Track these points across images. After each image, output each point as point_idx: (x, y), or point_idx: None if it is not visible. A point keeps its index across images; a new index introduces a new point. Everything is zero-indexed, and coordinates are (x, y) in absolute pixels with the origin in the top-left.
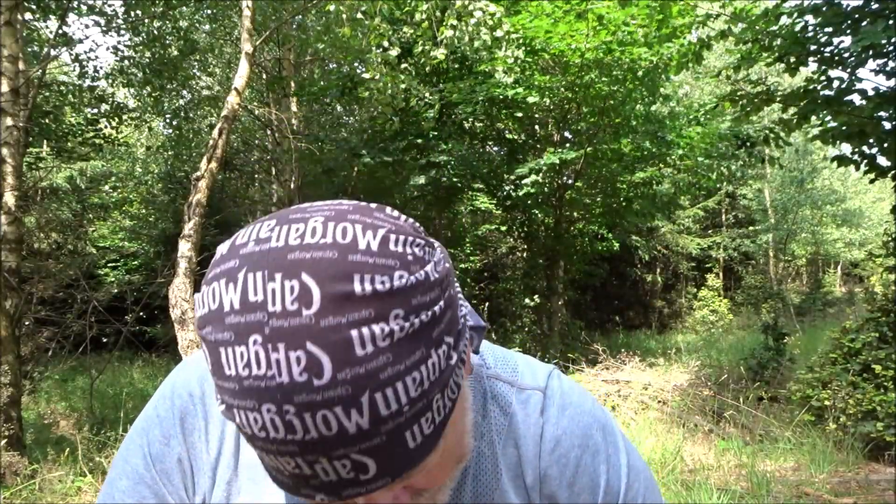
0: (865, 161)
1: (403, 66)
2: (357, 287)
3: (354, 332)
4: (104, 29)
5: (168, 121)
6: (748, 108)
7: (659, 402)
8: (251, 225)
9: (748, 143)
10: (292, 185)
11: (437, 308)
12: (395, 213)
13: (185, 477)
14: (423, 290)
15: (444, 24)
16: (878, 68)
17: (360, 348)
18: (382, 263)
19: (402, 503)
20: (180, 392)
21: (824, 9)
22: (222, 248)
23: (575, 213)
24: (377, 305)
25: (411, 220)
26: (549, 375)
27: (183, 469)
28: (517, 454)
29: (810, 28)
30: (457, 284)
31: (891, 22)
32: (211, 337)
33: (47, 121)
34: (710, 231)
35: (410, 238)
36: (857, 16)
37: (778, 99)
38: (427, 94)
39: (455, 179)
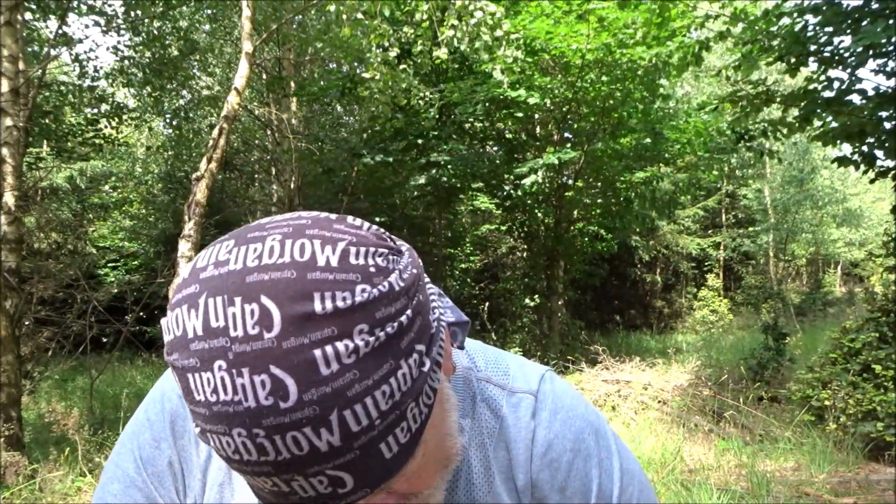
0: (865, 161)
1: (402, 66)
2: (318, 306)
3: (318, 352)
4: (104, 29)
5: (168, 121)
6: (748, 109)
7: (659, 402)
8: (211, 246)
9: (746, 137)
10: (292, 185)
11: (403, 318)
12: (358, 221)
13: (175, 480)
14: (388, 301)
15: (445, 23)
16: (878, 68)
17: (324, 367)
18: (343, 279)
19: None
20: (170, 396)
21: (824, 8)
22: (184, 272)
23: (575, 213)
24: (340, 323)
25: (374, 227)
26: (542, 379)
27: (174, 472)
28: (508, 457)
29: (810, 28)
30: (430, 285)
31: (891, 22)
32: (178, 363)
33: (47, 121)
34: (710, 231)
35: (372, 249)
36: (857, 15)
37: (778, 99)
38: (427, 94)
39: (455, 179)
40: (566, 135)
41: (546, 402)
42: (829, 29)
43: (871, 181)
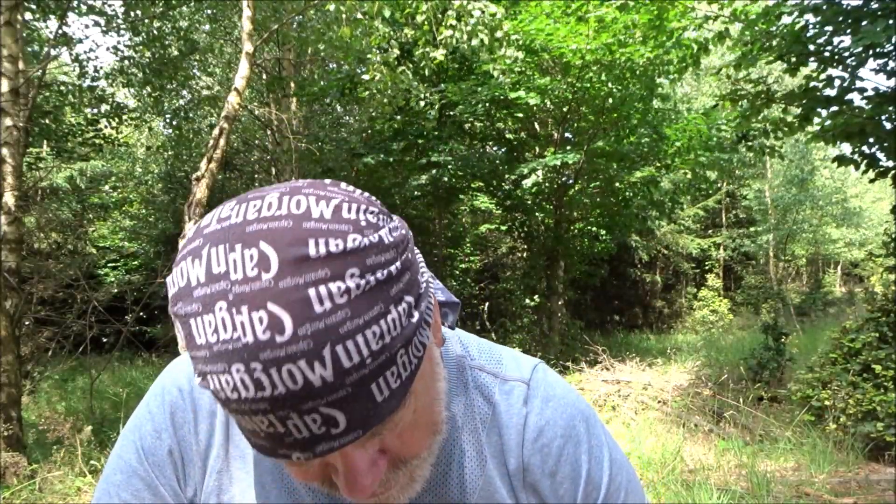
0: (865, 161)
1: (401, 68)
2: (312, 250)
3: (312, 291)
4: (104, 29)
5: (168, 121)
6: (748, 112)
7: (659, 402)
8: (215, 209)
9: (746, 136)
10: None
11: (393, 268)
12: (350, 187)
13: (176, 469)
14: (378, 251)
15: (444, 24)
16: (878, 68)
17: (318, 305)
18: (336, 228)
19: (381, 469)
20: (170, 388)
21: (824, 7)
22: (189, 232)
23: (575, 214)
24: (333, 265)
25: (367, 193)
26: (534, 368)
27: (174, 461)
28: (500, 443)
29: (811, 27)
30: (419, 255)
31: (891, 21)
32: (181, 311)
33: (47, 121)
34: (710, 231)
35: (364, 206)
36: (857, 15)
37: (778, 99)
38: (427, 94)
39: (455, 179)
40: (566, 135)
41: (538, 390)
42: (829, 28)
43: (871, 181)
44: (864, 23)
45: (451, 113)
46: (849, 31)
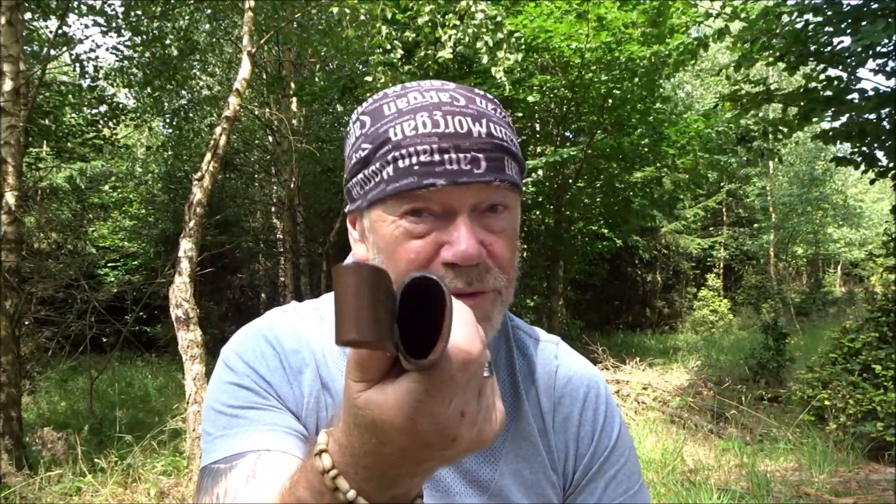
0: (865, 161)
1: (407, 67)
2: (476, 90)
3: (477, 98)
4: (104, 29)
5: (168, 121)
6: (745, 107)
7: (659, 402)
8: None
9: (746, 138)
10: (292, 185)
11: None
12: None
13: (272, 383)
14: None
15: (447, 25)
16: (877, 68)
17: (481, 102)
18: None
19: (482, 253)
20: (249, 334)
21: (824, 7)
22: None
23: (575, 213)
24: (486, 97)
25: None
26: (560, 339)
27: (269, 378)
28: (535, 388)
29: (811, 27)
30: None
31: (890, 21)
32: (369, 107)
33: (47, 121)
34: (710, 230)
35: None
36: (857, 15)
37: (777, 99)
38: None
39: None
40: (567, 133)
41: (566, 350)
42: (829, 28)
43: (872, 181)
44: (864, 23)
45: None
46: (849, 30)
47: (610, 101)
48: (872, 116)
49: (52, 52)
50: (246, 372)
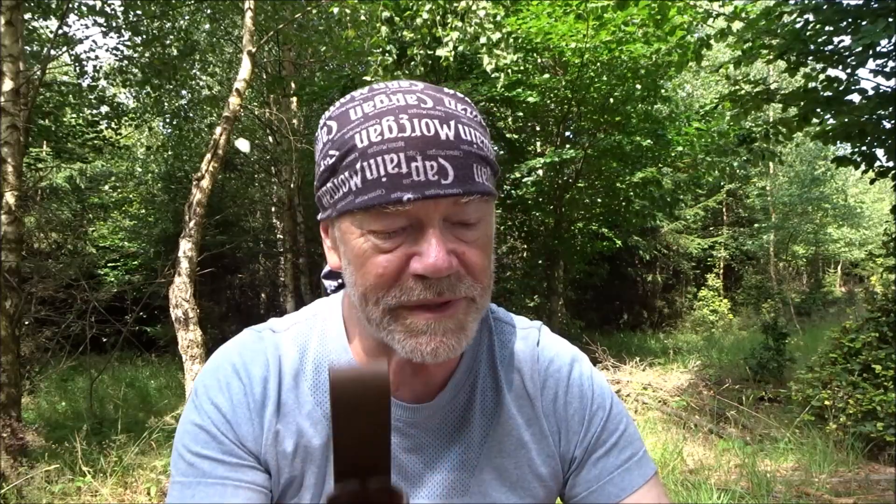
0: (865, 161)
1: (406, 69)
2: (446, 90)
3: (447, 98)
4: (104, 28)
5: (168, 121)
6: (745, 108)
7: (659, 402)
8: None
9: (748, 140)
10: (292, 185)
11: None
12: None
13: (233, 427)
14: (476, 109)
15: (448, 25)
16: (878, 68)
17: (450, 102)
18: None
19: (453, 264)
20: (223, 363)
21: (824, 7)
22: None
23: (575, 213)
24: (456, 97)
25: None
26: (541, 324)
27: (231, 420)
28: (520, 376)
29: (811, 26)
30: None
31: (890, 20)
32: (336, 112)
33: (47, 122)
34: (710, 230)
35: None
36: (857, 15)
37: (778, 99)
38: None
39: None
40: (567, 134)
41: (547, 334)
42: (829, 28)
43: (872, 181)
44: (863, 22)
45: None
46: (849, 30)
47: (611, 100)
48: (873, 116)
49: (52, 52)
50: (208, 411)
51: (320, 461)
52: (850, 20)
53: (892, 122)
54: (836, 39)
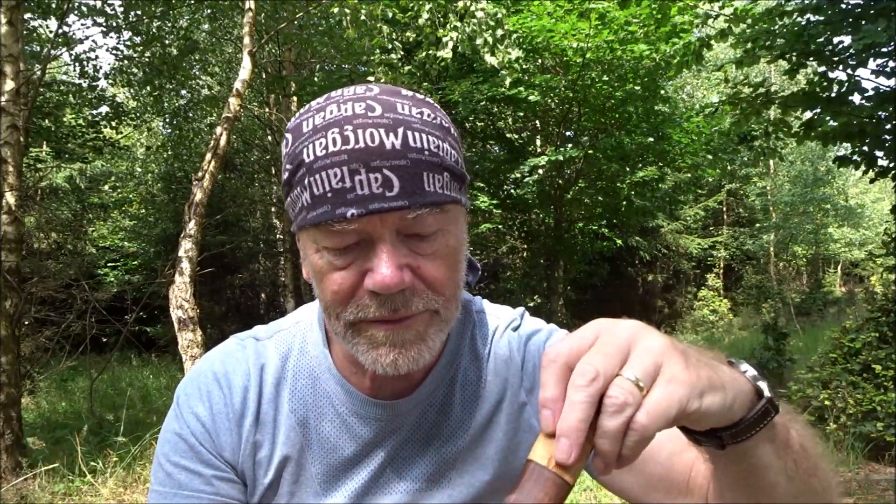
0: (865, 161)
1: (408, 68)
2: (403, 92)
3: (398, 102)
4: (104, 28)
5: (168, 121)
6: (748, 111)
7: None
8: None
9: (748, 138)
10: None
11: (451, 128)
12: None
13: (213, 438)
14: (446, 117)
15: (448, 25)
16: (878, 68)
17: (403, 107)
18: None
19: (407, 278)
20: (204, 372)
21: (825, 7)
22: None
23: (575, 213)
24: (415, 100)
25: None
26: (523, 310)
27: (210, 431)
28: (504, 365)
29: (811, 26)
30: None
31: (891, 19)
32: (293, 123)
33: (47, 122)
34: (711, 230)
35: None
36: (857, 14)
37: (778, 101)
38: (427, 94)
39: None
40: (567, 133)
41: (528, 319)
42: (829, 28)
43: (872, 181)
44: (864, 23)
45: (452, 112)
46: (850, 30)
47: (612, 101)
48: (873, 118)
49: (52, 52)
50: (188, 420)
51: (294, 469)
52: (850, 20)
53: (893, 121)
54: (836, 39)
